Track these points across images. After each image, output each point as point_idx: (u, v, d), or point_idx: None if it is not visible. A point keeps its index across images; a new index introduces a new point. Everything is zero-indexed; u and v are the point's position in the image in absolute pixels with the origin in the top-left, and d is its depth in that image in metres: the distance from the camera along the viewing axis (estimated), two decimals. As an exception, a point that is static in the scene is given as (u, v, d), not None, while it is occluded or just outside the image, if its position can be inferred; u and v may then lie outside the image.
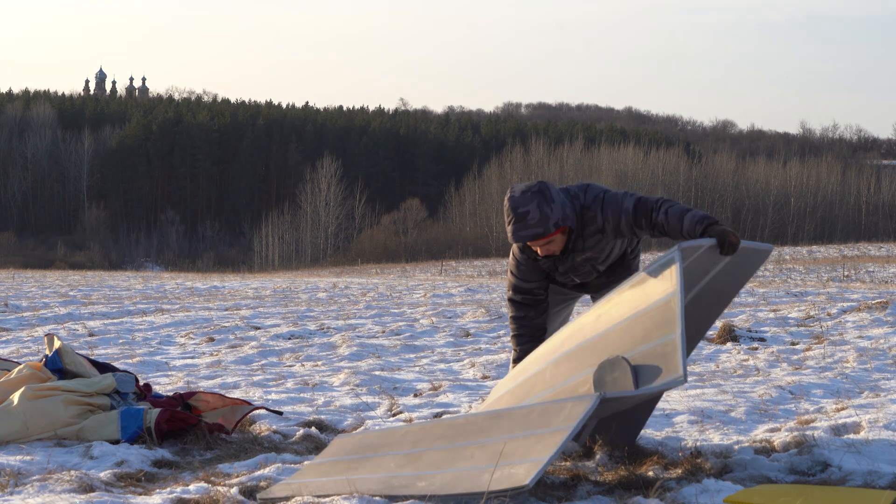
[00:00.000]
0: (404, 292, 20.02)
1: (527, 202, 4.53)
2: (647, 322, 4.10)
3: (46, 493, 3.79)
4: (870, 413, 5.06)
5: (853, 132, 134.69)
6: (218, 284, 24.32)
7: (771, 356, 8.01)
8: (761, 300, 15.27)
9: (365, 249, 69.93)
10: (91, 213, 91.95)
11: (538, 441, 3.75)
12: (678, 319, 3.98)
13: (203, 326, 11.10)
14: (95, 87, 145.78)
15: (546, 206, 4.53)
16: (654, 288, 4.13)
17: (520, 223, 4.54)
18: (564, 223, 4.56)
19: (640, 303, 4.17)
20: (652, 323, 4.08)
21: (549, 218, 4.53)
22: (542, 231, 4.52)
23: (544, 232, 4.52)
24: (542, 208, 4.52)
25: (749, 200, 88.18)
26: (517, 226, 4.55)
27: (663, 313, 4.06)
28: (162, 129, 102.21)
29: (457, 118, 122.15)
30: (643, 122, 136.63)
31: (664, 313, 4.05)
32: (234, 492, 3.76)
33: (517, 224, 4.55)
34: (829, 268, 38.55)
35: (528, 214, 4.53)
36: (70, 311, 13.25)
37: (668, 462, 4.32)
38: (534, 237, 4.54)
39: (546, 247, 4.64)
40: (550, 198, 4.55)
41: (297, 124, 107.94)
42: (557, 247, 4.67)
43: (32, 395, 4.82)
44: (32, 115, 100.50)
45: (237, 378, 7.09)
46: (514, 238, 4.58)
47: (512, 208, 4.56)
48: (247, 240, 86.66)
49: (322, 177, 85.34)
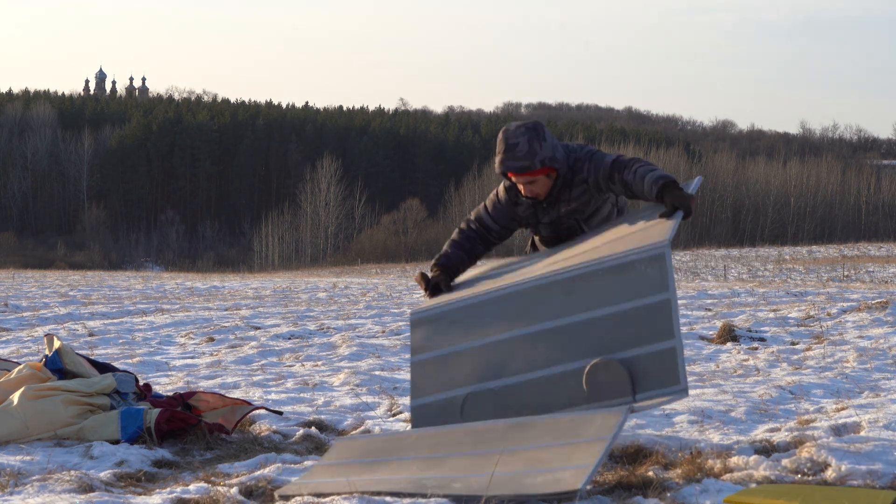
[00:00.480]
0: (404, 292, 20.02)
1: (519, 135, 4.68)
2: (638, 320, 4.10)
3: (46, 493, 3.79)
4: (870, 413, 5.06)
5: (853, 132, 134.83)
6: (218, 284, 24.32)
7: (771, 356, 8.01)
8: (761, 300, 15.27)
9: (365, 249, 69.96)
10: (91, 213, 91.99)
11: (576, 449, 3.73)
12: (674, 327, 4.01)
13: (203, 326, 11.11)
14: (95, 87, 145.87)
15: (536, 143, 4.67)
16: (644, 284, 4.12)
17: (508, 153, 4.68)
18: (551, 164, 4.69)
19: (629, 295, 4.16)
20: (642, 322, 4.09)
21: (537, 154, 4.65)
22: (528, 165, 4.65)
23: (530, 166, 4.65)
24: (532, 144, 4.66)
25: (749, 200, 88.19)
26: (505, 156, 4.69)
27: (655, 316, 4.06)
28: (162, 129, 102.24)
29: (457, 118, 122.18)
30: (643, 122, 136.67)
31: (656, 316, 4.05)
32: (234, 492, 3.76)
33: (506, 154, 4.69)
34: (829, 268, 38.55)
35: (517, 146, 4.67)
36: (70, 311, 13.25)
37: (668, 462, 4.32)
38: (519, 169, 4.67)
39: (529, 186, 4.76)
40: (542, 137, 4.70)
41: (297, 124, 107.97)
42: (541, 189, 4.78)
43: (32, 395, 4.82)
44: (32, 115, 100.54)
45: (237, 378, 7.09)
46: (501, 167, 4.71)
47: (504, 139, 4.70)
48: (247, 240, 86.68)
49: (322, 177, 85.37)
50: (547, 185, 4.77)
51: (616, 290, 4.20)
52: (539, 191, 4.77)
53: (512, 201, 4.92)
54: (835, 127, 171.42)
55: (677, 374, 4.00)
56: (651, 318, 4.09)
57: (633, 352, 4.09)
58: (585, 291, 4.30)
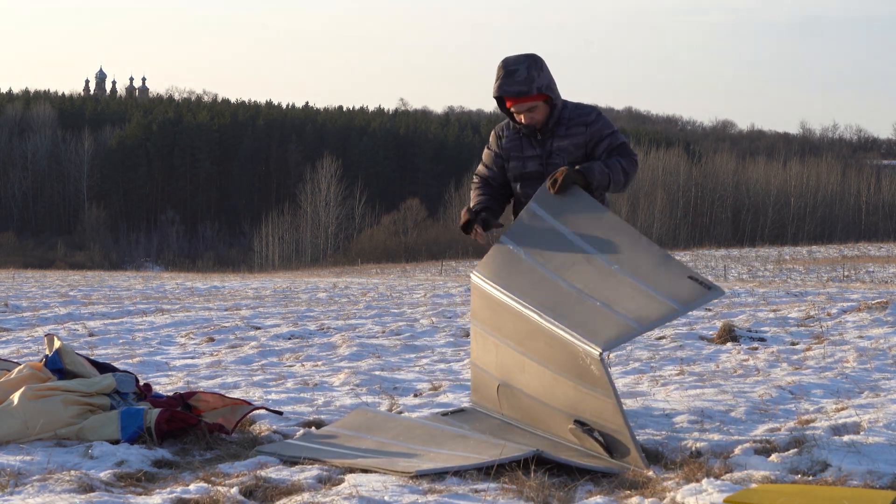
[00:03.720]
0: (404, 292, 20.02)
1: (518, 63, 4.88)
2: (590, 403, 4.34)
3: (46, 493, 3.78)
4: (870, 413, 5.06)
5: (853, 132, 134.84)
6: (218, 284, 24.32)
7: (771, 356, 8.01)
8: (761, 300, 15.27)
9: (365, 249, 69.96)
10: (91, 213, 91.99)
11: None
12: (621, 418, 4.20)
13: (203, 326, 11.10)
14: (95, 87, 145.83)
15: (535, 71, 4.86)
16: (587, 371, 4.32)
17: (507, 79, 4.86)
18: (548, 92, 4.88)
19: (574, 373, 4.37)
20: (594, 406, 4.31)
21: (535, 80, 4.84)
22: (526, 90, 4.84)
23: (527, 91, 4.84)
24: (531, 71, 4.85)
25: (749, 200, 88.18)
26: (504, 80, 4.86)
27: (601, 404, 4.28)
28: (162, 129, 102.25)
29: (457, 118, 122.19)
30: (643, 122, 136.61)
31: (602, 405, 4.27)
32: (234, 492, 3.76)
33: (505, 79, 4.87)
34: (829, 268, 38.56)
35: (516, 72, 4.85)
36: (70, 311, 13.25)
37: (668, 462, 4.32)
38: (517, 94, 4.85)
39: (529, 114, 4.93)
40: (541, 66, 4.89)
41: (297, 124, 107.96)
42: (540, 116, 4.95)
43: (32, 395, 4.82)
44: (32, 115, 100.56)
45: (237, 378, 7.09)
46: (499, 91, 4.87)
47: (503, 66, 4.89)
48: (247, 240, 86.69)
49: (322, 177, 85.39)
50: (544, 114, 4.95)
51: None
52: (538, 118, 4.95)
53: (497, 137, 5.15)
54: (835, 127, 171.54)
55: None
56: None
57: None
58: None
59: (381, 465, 4.19)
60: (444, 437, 4.50)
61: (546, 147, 5.04)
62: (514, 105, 4.92)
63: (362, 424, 4.86)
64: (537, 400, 4.64)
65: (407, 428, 4.71)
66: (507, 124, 5.15)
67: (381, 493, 3.75)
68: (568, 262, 4.64)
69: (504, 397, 4.87)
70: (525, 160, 5.08)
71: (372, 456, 4.35)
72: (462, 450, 4.31)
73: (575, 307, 4.45)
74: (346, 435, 4.74)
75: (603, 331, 4.25)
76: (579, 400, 4.37)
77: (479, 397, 5.11)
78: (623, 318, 4.27)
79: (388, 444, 4.53)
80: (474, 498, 3.72)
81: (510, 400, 4.84)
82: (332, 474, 4.10)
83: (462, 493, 3.79)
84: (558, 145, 5.01)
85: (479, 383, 5.10)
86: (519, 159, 5.10)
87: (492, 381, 4.95)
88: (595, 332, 4.26)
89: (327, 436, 4.78)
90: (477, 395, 5.13)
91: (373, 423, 4.86)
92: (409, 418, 5.08)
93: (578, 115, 5.01)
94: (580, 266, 4.60)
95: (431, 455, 4.31)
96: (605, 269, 4.51)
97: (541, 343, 4.51)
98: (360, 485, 3.85)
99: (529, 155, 5.07)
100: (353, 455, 4.38)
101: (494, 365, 4.90)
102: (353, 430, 4.78)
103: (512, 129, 5.12)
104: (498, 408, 4.94)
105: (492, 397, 4.98)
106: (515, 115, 4.97)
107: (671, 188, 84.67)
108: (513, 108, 4.94)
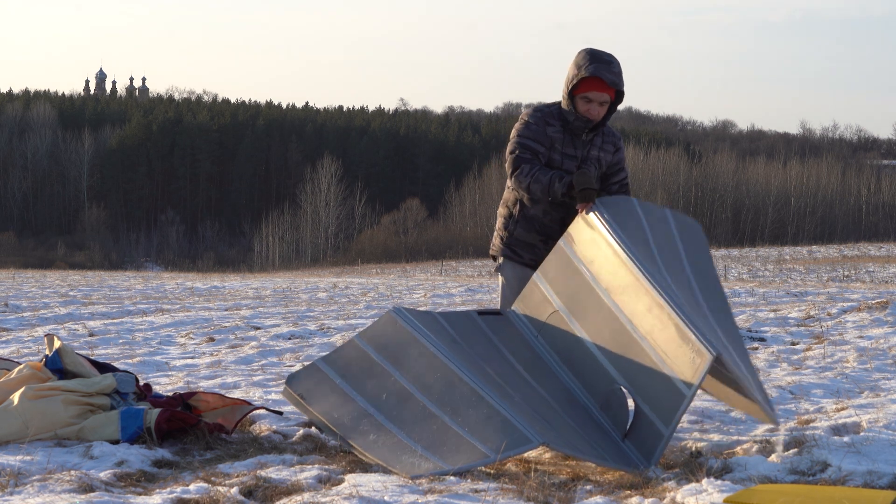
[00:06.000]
0: (404, 292, 20.02)
1: (612, 57, 4.97)
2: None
3: (46, 493, 3.78)
4: (870, 413, 5.06)
5: (853, 132, 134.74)
6: (218, 284, 24.32)
7: (771, 356, 8.01)
8: (761, 300, 15.27)
9: (365, 249, 69.92)
10: (91, 213, 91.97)
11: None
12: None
13: (203, 326, 11.10)
14: (95, 87, 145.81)
15: (622, 71, 4.98)
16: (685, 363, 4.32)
17: (605, 65, 4.91)
18: (623, 93, 4.98)
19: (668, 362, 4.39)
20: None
21: (622, 77, 4.96)
22: (618, 81, 4.93)
23: (618, 83, 4.93)
24: (621, 70, 4.97)
25: (749, 200, 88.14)
26: (603, 66, 4.91)
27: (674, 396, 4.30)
28: (162, 129, 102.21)
29: (457, 118, 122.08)
30: (643, 122, 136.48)
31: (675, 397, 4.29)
32: (234, 492, 3.76)
33: (603, 65, 4.91)
34: (829, 268, 38.55)
35: (612, 63, 4.94)
36: (70, 311, 13.25)
37: (668, 462, 4.32)
38: (611, 83, 4.90)
39: (597, 106, 4.98)
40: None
41: (297, 124, 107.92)
42: (602, 114, 5.02)
43: (32, 395, 4.82)
44: (32, 115, 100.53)
45: (237, 378, 7.09)
46: (597, 72, 4.87)
47: (593, 53, 4.96)
48: (247, 240, 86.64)
49: (322, 177, 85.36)
50: (604, 112, 5.02)
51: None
52: (601, 113, 5.00)
53: (544, 121, 5.08)
54: (835, 127, 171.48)
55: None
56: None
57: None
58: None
59: (384, 458, 4.24)
60: (461, 396, 4.34)
61: (585, 151, 5.08)
62: (595, 93, 4.93)
63: (389, 343, 4.75)
64: (592, 348, 4.60)
65: (429, 365, 4.53)
66: (553, 113, 5.08)
67: (381, 493, 3.75)
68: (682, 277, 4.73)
69: (554, 323, 4.79)
70: (564, 157, 5.07)
71: (376, 440, 4.39)
72: (470, 428, 4.20)
73: (692, 310, 4.45)
74: (369, 364, 4.72)
75: (719, 347, 4.24)
76: (650, 375, 4.35)
77: (524, 307, 4.98)
78: (733, 355, 4.37)
79: (403, 396, 4.47)
80: (474, 498, 3.72)
81: (557, 331, 4.77)
82: (332, 474, 4.10)
83: (462, 492, 3.79)
84: (594, 154, 5.10)
85: (533, 297, 4.94)
86: (559, 153, 5.07)
87: (548, 304, 4.85)
88: (713, 342, 4.24)
89: (347, 365, 4.81)
90: (523, 305, 4.99)
91: (399, 343, 4.72)
92: (441, 323, 4.88)
93: (612, 134, 5.19)
94: (684, 288, 4.66)
95: (435, 428, 4.28)
96: (703, 311, 4.61)
97: (639, 305, 4.46)
98: (360, 485, 3.85)
99: (569, 153, 5.07)
100: (365, 428, 4.45)
101: (565, 292, 4.79)
102: (379, 353, 4.73)
103: (558, 121, 5.07)
104: (538, 327, 4.87)
105: (538, 314, 4.89)
106: (585, 102, 4.96)
107: (671, 188, 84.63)
108: (590, 95, 4.94)
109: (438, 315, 4.97)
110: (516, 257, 5.19)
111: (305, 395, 4.78)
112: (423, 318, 4.86)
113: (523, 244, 5.16)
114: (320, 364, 4.95)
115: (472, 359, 4.61)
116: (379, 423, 4.43)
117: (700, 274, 4.77)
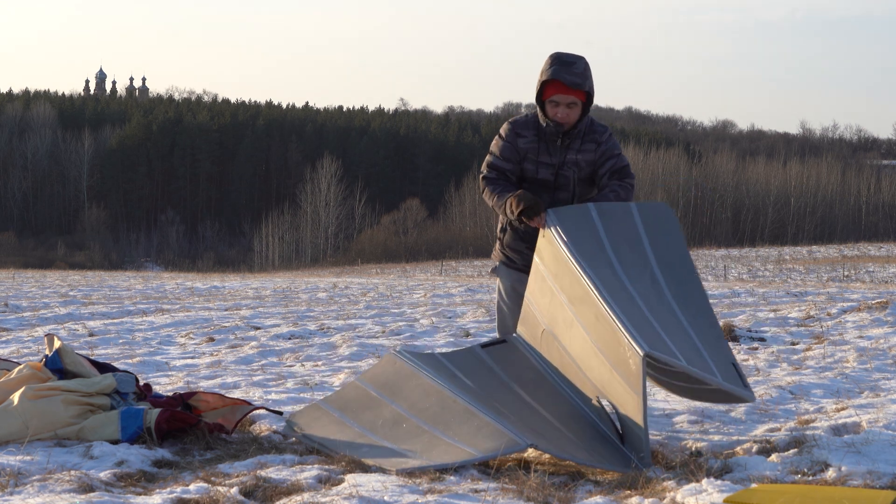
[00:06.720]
0: (404, 292, 20.02)
1: (576, 58, 4.96)
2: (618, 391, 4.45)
3: (46, 493, 3.78)
4: (870, 413, 5.06)
5: (853, 132, 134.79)
6: (218, 284, 24.32)
7: (771, 356, 8.01)
8: (761, 300, 15.28)
9: (365, 249, 69.91)
10: (91, 213, 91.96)
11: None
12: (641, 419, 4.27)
13: (203, 326, 11.10)
14: (95, 87, 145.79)
15: (588, 70, 4.97)
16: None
17: (566, 67, 4.91)
18: (591, 92, 4.96)
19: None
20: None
21: (588, 78, 4.94)
22: (580, 83, 4.91)
23: (581, 85, 4.91)
24: (587, 69, 4.97)
25: (749, 200, 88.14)
26: (562, 68, 4.91)
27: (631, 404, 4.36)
28: (162, 129, 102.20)
29: (457, 118, 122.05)
30: (643, 122, 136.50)
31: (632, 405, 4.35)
32: (234, 492, 3.76)
33: (563, 67, 4.91)
34: (829, 268, 38.55)
35: (574, 64, 4.93)
36: (70, 311, 13.25)
37: (668, 462, 4.32)
38: (571, 84, 4.88)
39: (566, 109, 4.96)
40: (590, 70, 5.00)
41: (297, 124, 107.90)
42: (574, 117, 4.99)
43: (32, 395, 4.82)
44: (32, 115, 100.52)
45: (237, 378, 7.09)
46: (555, 75, 4.89)
47: (558, 57, 4.96)
48: (247, 240, 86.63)
49: (322, 177, 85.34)
50: (577, 116, 5.00)
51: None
52: (573, 118, 4.98)
53: (515, 134, 5.10)
54: (835, 127, 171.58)
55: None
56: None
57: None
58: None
59: (378, 460, 4.31)
60: (453, 414, 4.49)
61: (562, 157, 5.06)
62: (560, 96, 4.93)
63: (388, 380, 4.95)
64: (574, 362, 4.73)
65: (424, 393, 4.71)
66: (527, 123, 5.12)
67: (380, 493, 3.75)
68: (639, 271, 4.76)
69: (545, 342, 4.94)
70: (539, 166, 5.07)
71: (375, 440, 4.51)
72: (461, 438, 4.31)
73: (635, 309, 4.52)
74: (367, 399, 4.91)
75: (654, 342, 4.31)
76: (609, 382, 4.46)
77: (525, 330, 5.15)
78: (672, 348, 4.35)
79: (397, 420, 4.62)
80: (474, 498, 3.72)
81: (550, 348, 4.92)
82: (332, 474, 4.10)
83: (462, 492, 3.79)
84: (571, 158, 5.05)
85: (528, 319, 5.13)
86: (533, 163, 5.07)
87: (539, 323, 5.01)
88: (646, 338, 4.31)
89: (346, 403, 4.99)
90: (524, 328, 5.16)
91: (397, 379, 4.92)
92: (442, 362, 5.04)
93: (592, 132, 5.09)
94: (645, 283, 4.71)
95: (426, 439, 4.40)
96: (665, 301, 4.64)
97: (590, 314, 4.57)
98: (360, 485, 3.85)
99: (544, 162, 5.06)
100: (359, 443, 4.55)
101: (546, 310, 4.94)
102: (377, 389, 4.92)
103: (532, 130, 5.09)
104: (538, 348, 5.03)
105: (535, 336, 5.05)
106: (553, 107, 4.97)
107: (671, 188, 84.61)
108: (555, 98, 4.95)
109: (440, 355, 5.14)
110: (510, 263, 5.33)
111: (305, 427, 4.92)
112: (424, 358, 5.07)
113: (514, 251, 5.28)
114: (321, 403, 5.15)
115: (470, 388, 4.75)
116: (373, 442, 4.56)
117: (664, 260, 4.80)
